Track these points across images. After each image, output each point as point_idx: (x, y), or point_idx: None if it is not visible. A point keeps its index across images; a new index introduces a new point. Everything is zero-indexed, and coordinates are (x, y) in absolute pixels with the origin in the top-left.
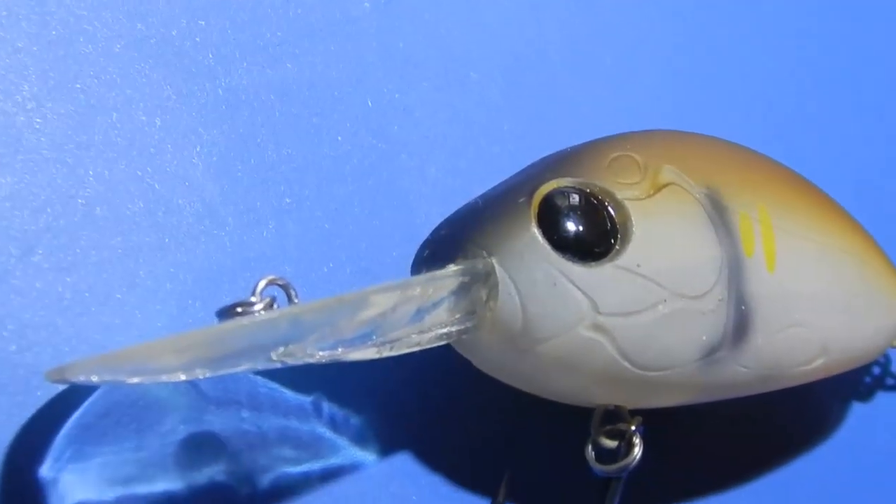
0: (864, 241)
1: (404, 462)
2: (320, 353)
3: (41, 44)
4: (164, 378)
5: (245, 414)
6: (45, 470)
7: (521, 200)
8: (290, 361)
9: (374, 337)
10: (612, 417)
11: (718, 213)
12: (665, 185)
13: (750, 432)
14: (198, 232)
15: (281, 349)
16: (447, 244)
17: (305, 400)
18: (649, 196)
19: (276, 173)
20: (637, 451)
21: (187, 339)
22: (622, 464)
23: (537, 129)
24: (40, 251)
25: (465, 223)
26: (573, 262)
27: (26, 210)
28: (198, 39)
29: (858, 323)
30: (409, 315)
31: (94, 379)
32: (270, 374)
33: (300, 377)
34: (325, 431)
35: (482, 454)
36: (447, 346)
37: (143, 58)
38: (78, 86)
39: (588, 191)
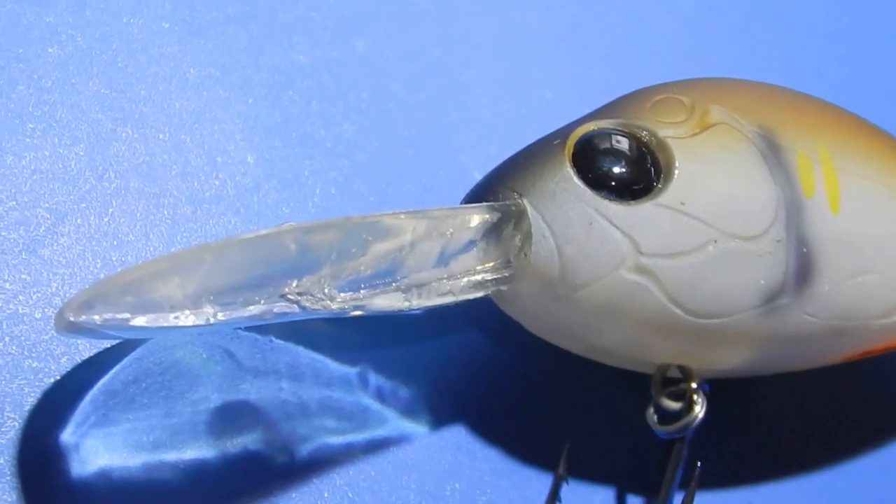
0: None
1: (458, 434)
2: (341, 296)
3: (78, 19)
4: (172, 318)
5: (284, 384)
6: (68, 435)
7: (557, 142)
8: (310, 305)
9: (398, 277)
10: (675, 382)
11: (773, 152)
12: (713, 125)
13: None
14: (237, 206)
15: (294, 283)
16: (479, 189)
17: (350, 371)
18: (695, 135)
19: (321, 149)
20: (699, 409)
21: (186, 255)
22: (684, 422)
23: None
24: (71, 223)
25: (500, 169)
26: (610, 200)
27: (58, 182)
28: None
29: None
30: (432, 256)
31: (96, 319)
32: (313, 345)
33: (345, 348)
34: (371, 403)
35: (539, 426)
36: (497, 313)
37: (188, 35)
38: (119, 63)
39: (626, 130)
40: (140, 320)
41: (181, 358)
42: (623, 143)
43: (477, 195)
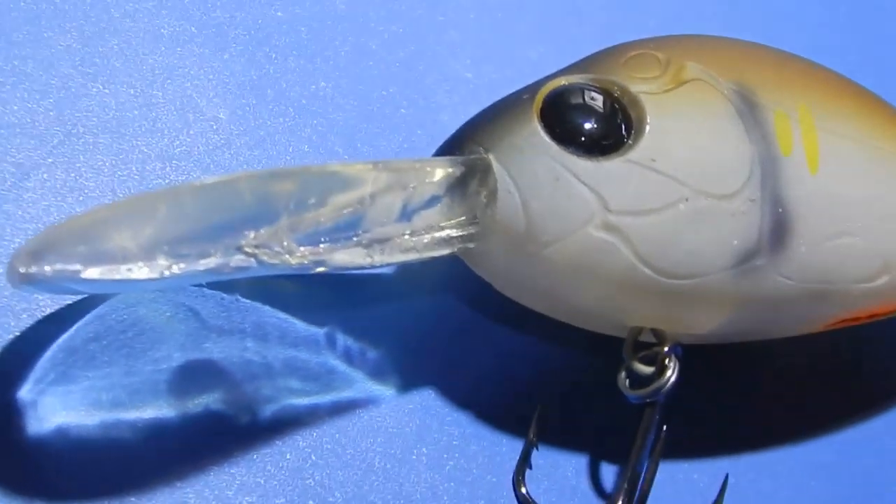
0: None
1: (427, 398)
2: (301, 250)
3: None
4: (125, 270)
5: (249, 344)
6: (25, 392)
7: (526, 97)
8: (268, 259)
9: (359, 231)
10: (648, 346)
11: (749, 109)
12: (688, 81)
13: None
14: (207, 163)
15: (252, 234)
16: (447, 143)
17: (318, 332)
18: (668, 90)
19: (296, 106)
20: (671, 373)
21: (139, 202)
22: (655, 386)
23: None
24: (37, 177)
25: (469, 123)
26: (578, 156)
27: (25, 136)
28: None
29: None
30: (394, 210)
31: (47, 270)
32: (281, 304)
33: (314, 307)
34: (338, 364)
35: (511, 390)
36: (469, 274)
37: None
38: (92, 17)
39: (597, 85)
40: (92, 272)
41: (144, 315)
42: (593, 99)
43: (444, 149)
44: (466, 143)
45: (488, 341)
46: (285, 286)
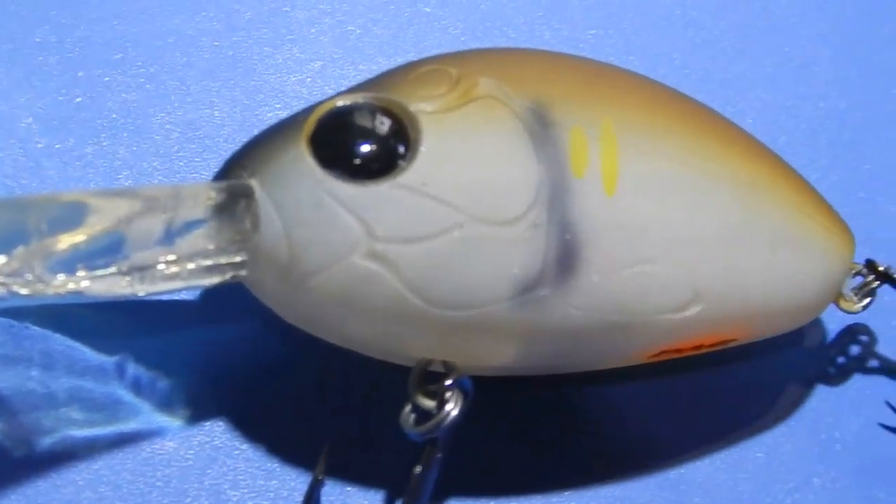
0: (778, 175)
1: (215, 429)
2: (58, 278)
3: None
4: None
5: (34, 372)
6: None
7: (301, 118)
8: (20, 288)
9: (118, 256)
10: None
11: (543, 128)
12: (477, 98)
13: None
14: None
15: (1, 258)
16: (221, 166)
17: (108, 360)
18: (453, 108)
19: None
20: (451, 407)
21: None
22: (433, 422)
23: None
24: None
25: (243, 145)
26: (344, 180)
27: None
28: None
29: (757, 267)
30: (154, 234)
31: None
32: (73, 331)
33: (108, 334)
34: (124, 394)
35: (303, 423)
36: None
37: None
38: None
39: (371, 103)
40: None
41: None
42: (365, 120)
43: (217, 173)
44: (233, 166)
45: (285, 370)
46: (81, 312)
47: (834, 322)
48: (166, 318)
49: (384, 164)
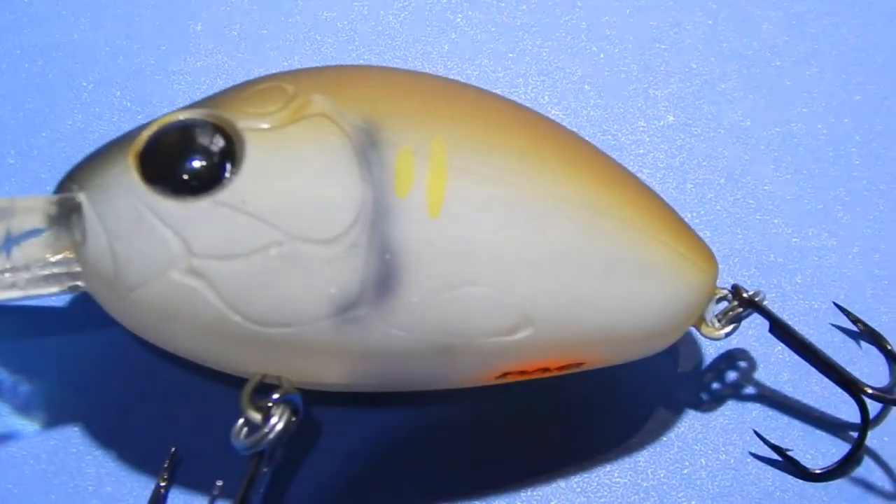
0: (630, 201)
1: (71, 435)
2: None
3: None
4: None
5: None
6: None
7: (133, 134)
8: None
9: None
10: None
11: (371, 147)
12: (308, 116)
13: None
14: None
15: None
16: (57, 183)
17: None
18: (281, 126)
19: None
20: (276, 422)
21: None
22: (256, 436)
23: None
24: None
25: (82, 159)
26: (165, 196)
27: None
28: None
29: (592, 292)
30: None
31: None
32: None
33: None
34: None
35: (154, 432)
36: None
37: None
38: None
39: (201, 120)
40: None
41: None
42: (192, 137)
43: (56, 185)
44: (66, 180)
45: (145, 377)
46: None
47: (713, 346)
48: (34, 321)
49: (206, 180)
